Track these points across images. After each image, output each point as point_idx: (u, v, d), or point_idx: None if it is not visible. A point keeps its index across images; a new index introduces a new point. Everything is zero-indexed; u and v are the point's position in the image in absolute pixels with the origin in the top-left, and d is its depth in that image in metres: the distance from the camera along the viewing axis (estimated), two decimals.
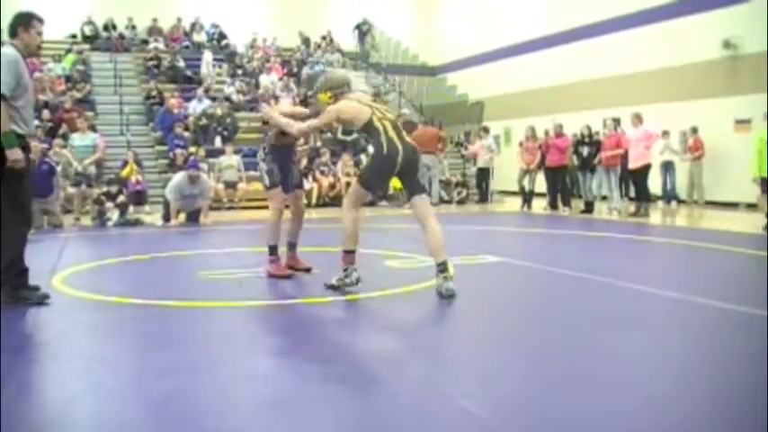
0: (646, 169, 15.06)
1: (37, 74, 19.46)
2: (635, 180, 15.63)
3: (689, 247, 10.11)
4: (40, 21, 6.10)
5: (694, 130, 17.64)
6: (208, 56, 23.47)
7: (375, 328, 5.48)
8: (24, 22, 6.00)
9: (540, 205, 17.04)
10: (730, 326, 5.33)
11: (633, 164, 15.10)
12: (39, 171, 12.89)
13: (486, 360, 4.51)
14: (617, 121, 16.07)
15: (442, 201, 18.96)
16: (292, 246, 7.77)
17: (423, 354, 4.64)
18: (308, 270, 7.58)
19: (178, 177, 13.56)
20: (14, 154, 5.63)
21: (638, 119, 15.12)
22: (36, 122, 16.86)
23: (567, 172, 16.90)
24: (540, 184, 17.38)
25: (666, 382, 3.94)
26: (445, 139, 20.16)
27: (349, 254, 6.52)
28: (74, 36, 24.55)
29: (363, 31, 27.94)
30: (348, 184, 18.45)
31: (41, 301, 5.94)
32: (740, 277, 8.03)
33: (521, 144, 17.84)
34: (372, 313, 5.96)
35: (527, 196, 17.18)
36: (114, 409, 3.59)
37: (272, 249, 7.44)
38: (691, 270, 8.47)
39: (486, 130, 20.30)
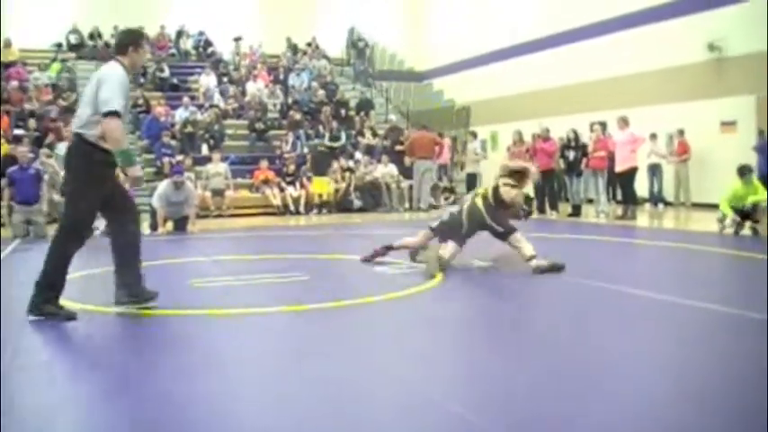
0: (632, 172, 15.11)
1: (13, 83, 19.40)
2: (622, 183, 15.67)
3: (676, 249, 10.16)
4: (148, 40, 6.11)
5: (681, 133, 17.74)
6: (209, 80, 23.09)
7: (364, 333, 5.48)
8: (136, 40, 5.92)
9: None
10: (717, 327, 5.36)
11: (620, 167, 15.14)
12: (26, 177, 12.91)
13: (474, 362, 4.53)
14: (603, 125, 16.12)
15: (431, 206, 18.93)
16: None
17: (411, 357, 4.65)
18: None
19: (163, 185, 13.53)
20: (135, 171, 5.62)
21: (624, 122, 15.17)
22: (21, 132, 16.83)
23: (555, 176, 16.94)
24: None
25: (654, 382, 3.97)
26: (441, 144, 20.05)
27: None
28: (59, 45, 24.48)
29: (360, 48, 27.68)
30: (336, 190, 18.48)
31: (151, 299, 6.01)
32: (726, 278, 8.09)
33: (508, 149, 17.89)
34: (361, 319, 5.96)
35: None
36: (104, 418, 3.59)
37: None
38: (678, 272, 8.52)
39: (473, 134, 20.31)
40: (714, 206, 15.73)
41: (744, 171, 11.61)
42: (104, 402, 3.85)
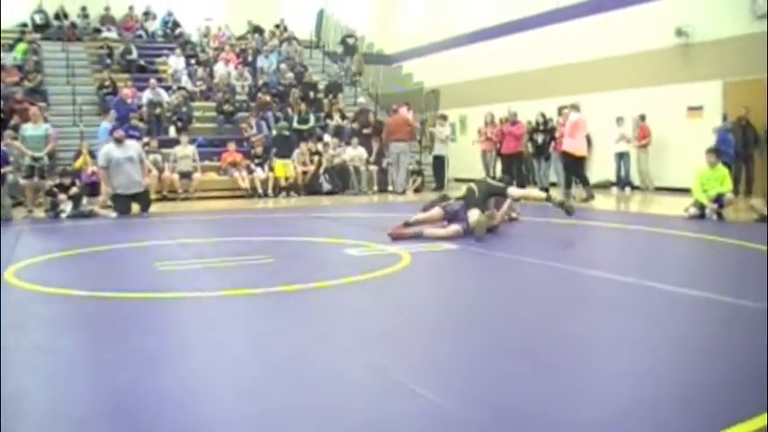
0: (581, 157, 15.10)
1: None
2: (571, 166, 15.57)
3: (641, 233, 10.26)
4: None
5: (642, 118, 17.85)
6: (177, 61, 22.84)
7: (331, 316, 5.48)
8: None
9: None
10: (685, 309, 5.43)
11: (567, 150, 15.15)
12: None
13: (442, 346, 4.54)
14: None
15: (405, 191, 18.84)
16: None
17: (379, 340, 4.66)
18: None
19: (105, 146, 13.69)
20: None
21: (573, 108, 15.21)
22: None
23: (522, 159, 17.02)
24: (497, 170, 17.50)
25: (622, 364, 4.01)
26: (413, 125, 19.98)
27: None
28: (24, 25, 24.10)
29: (350, 45, 27.36)
30: (304, 173, 18.43)
31: None
32: (689, 261, 8.18)
33: (479, 131, 17.94)
34: (328, 302, 5.95)
35: None
36: (68, 404, 3.56)
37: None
38: (643, 255, 8.59)
39: (443, 117, 20.30)
40: (680, 190, 15.92)
41: (713, 153, 11.70)
42: (69, 390, 3.82)
